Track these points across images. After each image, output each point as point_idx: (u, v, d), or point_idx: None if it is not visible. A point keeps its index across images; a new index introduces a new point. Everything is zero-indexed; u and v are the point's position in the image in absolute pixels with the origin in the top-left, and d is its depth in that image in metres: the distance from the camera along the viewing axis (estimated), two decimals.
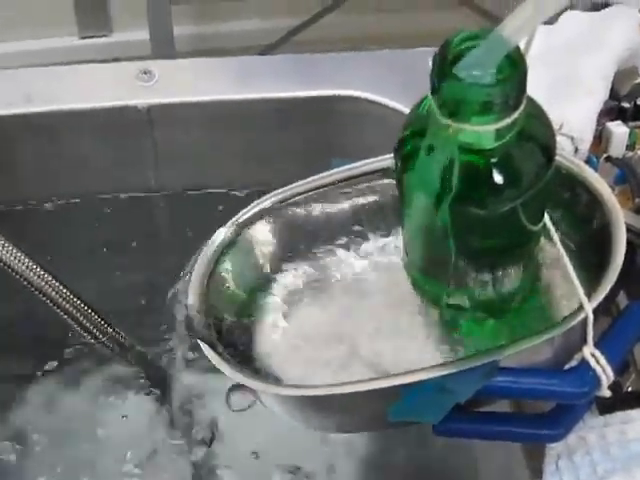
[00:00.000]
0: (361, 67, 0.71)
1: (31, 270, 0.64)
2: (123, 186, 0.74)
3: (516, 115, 0.40)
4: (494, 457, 0.60)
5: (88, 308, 0.67)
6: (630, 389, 0.57)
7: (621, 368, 0.55)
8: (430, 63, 0.40)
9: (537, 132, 0.42)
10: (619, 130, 0.61)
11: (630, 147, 0.62)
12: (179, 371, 0.62)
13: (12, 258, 0.62)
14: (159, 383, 0.70)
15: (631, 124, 0.64)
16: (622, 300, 0.57)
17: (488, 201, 0.42)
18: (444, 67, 0.39)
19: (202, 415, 0.71)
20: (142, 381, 0.70)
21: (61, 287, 0.66)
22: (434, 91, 0.39)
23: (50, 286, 0.65)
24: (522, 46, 0.40)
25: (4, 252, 0.61)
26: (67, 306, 0.66)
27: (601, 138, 0.62)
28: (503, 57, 0.38)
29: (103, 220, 0.74)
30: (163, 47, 1.27)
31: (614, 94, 0.65)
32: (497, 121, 0.39)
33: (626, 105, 0.65)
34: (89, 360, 0.72)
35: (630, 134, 0.62)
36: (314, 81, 0.70)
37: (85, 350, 0.69)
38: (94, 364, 0.72)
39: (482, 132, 0.40)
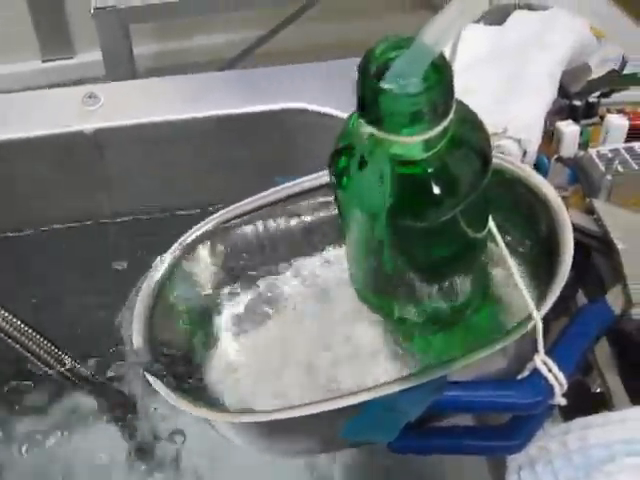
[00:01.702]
0: (309, 79, 0.70)
1: None
2: (76, 214, 0.72)
3: (446, 122, 0.39)
4: (459, 469, 0.59)
5: (43, 339, 0.66)
6: (599, 390, 0.57)
7: (584, 369, 0.55)
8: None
9: (470, 137, 0.41)
10: (569, 129, 0.60)
11: (583, 146, 0.62)
12: (137, 396, 0.60)
13: None
14: (120, 411, 0.68)
15: (583, 122, 0.63)
16: (582, 299, 0.57)
17: (425, 212, 0.41)
18: (368, 79, 0.38)
19: (166, 439, 0.69)
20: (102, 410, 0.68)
21: (14, 319, 0.64)
22: (360, 104, 0.38)
23: (2, 318, 0.64)
24: (448, 51, 0.39)
25: None
26: (21, 338, 0.65)
27: (552, 138, 0.62)
28: (428, 65, 0.37)
29: (57, 249, 0.73)
30: (118, 67, 1.26)
31: (564, 92, 0.64)
32: (427, 130, 0.38)
33: (577, 103, 0.64)
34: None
35: (582, 133, 0.62)
36: (262, 96, 0.69)
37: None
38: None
39: (413, 143, 0.39)
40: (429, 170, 0.40)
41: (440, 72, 0.38)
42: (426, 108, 0.37)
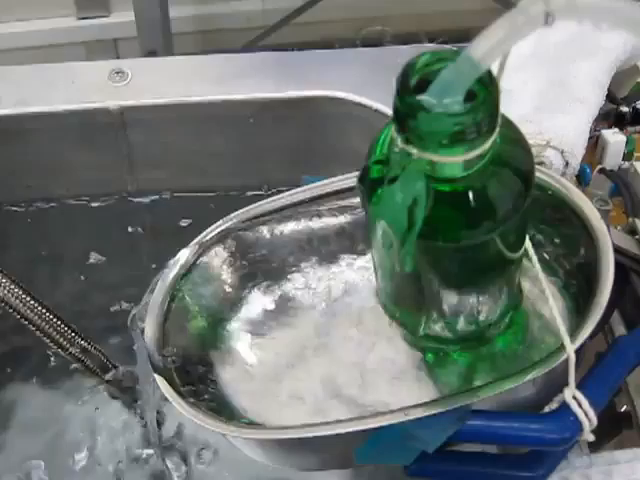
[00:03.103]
0: (347, 66, 0.67)
1: None
2: (98, 191, 0.71)
3: (489, 143, 0.36)
4: None
5: (56, 319, 0.65)
6: (625, 408, 0.55)
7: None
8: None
9: (513, 157, 0.39)
10: (614, 139, 0.57)
11: (627, 155, 0.59)
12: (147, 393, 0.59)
13: None
14: (131, 396, 0.67)
15: (630, 129, 0.60)
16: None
17: (459, 234, 0.38)
18: (407, 93, 0.35)
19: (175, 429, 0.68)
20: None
21: (26, 297, 0.63)
22: (397, 119, 0.36)
23: (14, 295, 0.62)
24: (495, 68, 0.36)
25: None
26: (33, 317, 0.63)
27: (596, 144, 0.59)
28: (473, 82, 0.35)
29: (77, 226, 0.71)
30: (152, 31, 1.23)
31: (612, 97, 0.61)
32: (468, 151, 0.36)
33: (624, 109, 0.61)
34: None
35: (628, 141, 0.59)
36: (297, 81, 0.66)
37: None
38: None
39: (451, 163, 0.36)
40: (466, 190, 0.37)
41: (486, 90, 0.35)
42: (469, 129, 0.35)
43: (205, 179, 0.70)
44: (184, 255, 0.48)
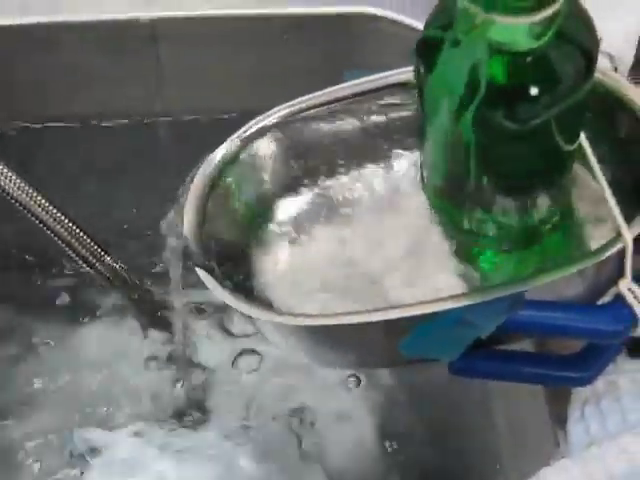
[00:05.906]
0: None
1: (27, 195, 0.60)
2: (123, 108, 0.69)
3: (556, 6, 0.35)
4: (512, 400, 0.56)
5: (85, 235, 0.64)
6: None
7: None
8: None
9: (578, 34, 0.37)
10: None
11: None
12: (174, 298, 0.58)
13: (7, 181, 0.59)
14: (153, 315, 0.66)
15: None
16: None
17: (518, 109, 0.37)
18: None
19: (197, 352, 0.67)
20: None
21: (57, 213, 0.62)
22: None
23: (46, 211, 0.61)
24: None
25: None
26: (63, 233, 0.62)
27: None
28: None
29: (101, 144, 0.70)
30: None
31: None
32: (533, 12, 0.34)
33: None
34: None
35: None
36: None
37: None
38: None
39: (515, 27, 0.35)
40: (529, 62, 0.36)
41: None
42: None
43: (235, 99, 0.69)
44: (223, 149, 0.47)
